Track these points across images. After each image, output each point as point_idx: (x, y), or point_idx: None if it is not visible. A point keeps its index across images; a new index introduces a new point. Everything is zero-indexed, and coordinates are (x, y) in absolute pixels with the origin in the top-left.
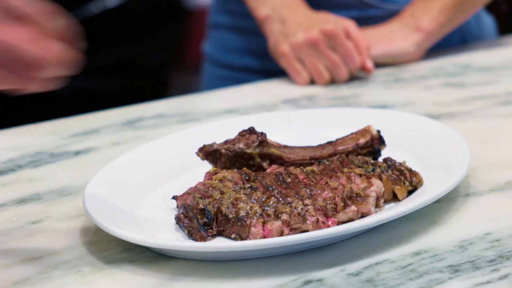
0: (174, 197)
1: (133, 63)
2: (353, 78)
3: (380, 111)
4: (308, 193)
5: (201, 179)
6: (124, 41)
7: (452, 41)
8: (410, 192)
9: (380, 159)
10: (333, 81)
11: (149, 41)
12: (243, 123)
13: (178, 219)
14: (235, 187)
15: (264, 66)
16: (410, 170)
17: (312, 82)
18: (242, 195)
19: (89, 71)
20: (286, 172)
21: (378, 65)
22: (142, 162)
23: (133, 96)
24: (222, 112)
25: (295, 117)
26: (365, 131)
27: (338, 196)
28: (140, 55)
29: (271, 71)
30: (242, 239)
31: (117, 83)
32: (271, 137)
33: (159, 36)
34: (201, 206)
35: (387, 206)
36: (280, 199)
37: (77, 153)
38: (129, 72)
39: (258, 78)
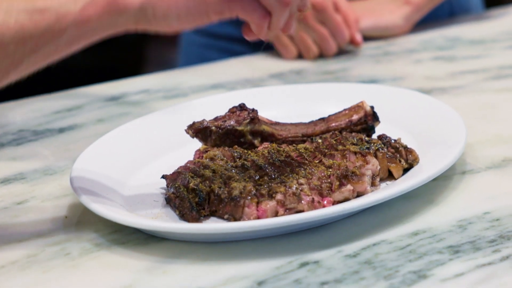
0: (164, 176)
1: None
2: (341, 52)
3: (372, 86)
4: (302, 171)
5: (191, 157)
6: None
7: (441, 13)
8: (405, 170)
9: (374, 136)
10: (321, 55)
11: None
12: (232, 99)
13: (168, 199)
14: (226, 166)
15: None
16: (405, 148)
17: (300, 56)
18: (234, 174)
19: None
20: (278, 150)
21: (366, 38)
22: (130, 139)
23: (111, 69)
24: (208, 88)
25: (284, 93)
26: (358, 107)
27: (333, 175)
28: None
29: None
30: (235, 219)
31: (93, 57)
32: (261, 113)
33: None
34: (192, 185)
35: (382, 185)
36: (274, 178)
37: (61, 130)
38: (106, 46)
39: (240, 48)
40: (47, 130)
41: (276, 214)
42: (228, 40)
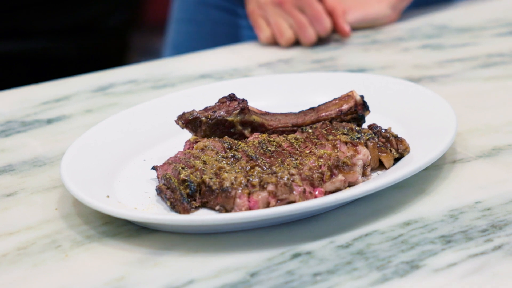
0: (154, 168)
1: (94, 24)
2: (328, 40)
3: (361, 75)
4: (294, 162)
5: (181, 148)
6: (84, 1)
7: None
8: (396, 160)
9: (364, 126)
10: (298, 43)
11: (110, 2)
12: (221, 89)
13: (159, 191)
14: (217, 157)
15: None
16: (396, 137)
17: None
18: (225, 165)
19: (49, 32)
20: (269, 140)
21: (354, 28)
22: (119, 130)
23: (94, 58)
24: (196, 77)
25: (274, 82)
26: (348, 96)
27: (324, 165)
28: (100, 16)
29: None
30: (226, 210)
31: (77, 45)
32: (251, 103)
33: None
34: (183, 176)
35: (373, 175)
36: (265, 168)
37: (49, 121)
38: (90, 34)
39: (240, 9)
40: (35, 121)
41: (267, 205)
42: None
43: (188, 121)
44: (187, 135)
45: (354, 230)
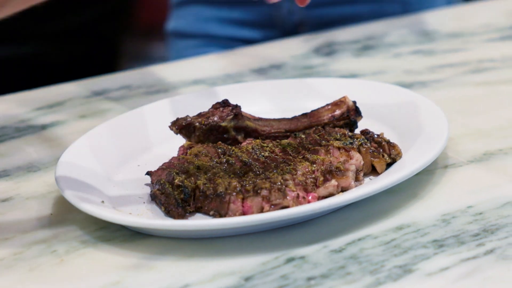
0: (149, 173)
1: (85, 30)
2: (320, 46)
3: (353, 81)
4: (287, 167)
5: (175, 154)
6: (74, 7)
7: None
8: (388, 165)
9: (357, 131)
10: (301, 48)
11: (101, 8)
12: (215, 95)
13: (154, 196)
14: (211, 162)
15: (247, 35)
16: (388, 142)
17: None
18: (219, 170)
19: (39, 38)
20: (262, 145)
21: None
22: (113, 136)
23: (85, 64)
24: (189, 83)
25: (267, 88)
26: (340, 102)
27: (318, 170)
28: (91, 22)
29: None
30: (221, 215)
31: (67, 51)
32: (244, 108)
33: (110, 3)
34: (177, 182)
35: (366, 179)
36: (259, 174)
37: (43, 127)
38: (80, 40)
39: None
40: (30, 126)
41: (261, 210)
42: (227, 40)
43: (182, 127)
44: (181, 140)
45: (347, 234)
